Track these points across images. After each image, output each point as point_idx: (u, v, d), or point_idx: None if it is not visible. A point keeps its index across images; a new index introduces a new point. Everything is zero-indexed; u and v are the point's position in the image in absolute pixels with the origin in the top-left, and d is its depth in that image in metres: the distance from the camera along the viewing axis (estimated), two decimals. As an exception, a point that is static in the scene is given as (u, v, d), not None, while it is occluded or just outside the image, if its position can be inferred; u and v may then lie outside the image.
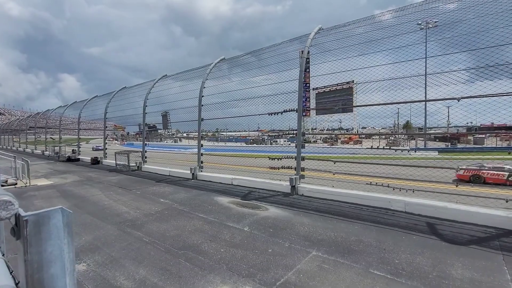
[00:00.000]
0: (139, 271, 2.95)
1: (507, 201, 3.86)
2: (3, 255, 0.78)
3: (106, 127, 14.18)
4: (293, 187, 5.85)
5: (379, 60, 6.12)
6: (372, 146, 5.58)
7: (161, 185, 7.72)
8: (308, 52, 6.53)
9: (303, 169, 6.01)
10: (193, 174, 8.34)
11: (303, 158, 5.95)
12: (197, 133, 8.99)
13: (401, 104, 5.75)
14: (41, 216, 0.54)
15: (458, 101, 4.19)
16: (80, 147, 16.37)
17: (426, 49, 5.85)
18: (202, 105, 8.55)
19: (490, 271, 2.79)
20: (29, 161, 8.49)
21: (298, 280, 2.70)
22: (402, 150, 10.27)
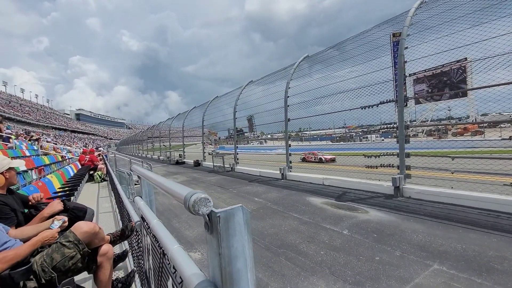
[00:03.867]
0: (245, 265, 3.15)
1: None
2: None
3: (204, 133, 16.16)
4: (396, 188, 5.14)
5: (503, 28, 4.71)
6: (511, 137, 4.35)
7: (254, 185, 8.17)
8: (408, 35, 5.66)
9: (408, 167, 5.20)
10: (282, 174, 8.49)
11: (408, 155, 5.15)
12: (281, 134, 9.11)
13: None
14: (229, 213, 0.59)
15: None
16: (185, 152, 19.22)
17: None
18: (288, 106, 8.61)
19: None
20: (151, 164, 10.52)
21: (420, 297, 2.31)
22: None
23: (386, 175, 5.53)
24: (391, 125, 6.55)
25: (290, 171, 8.46)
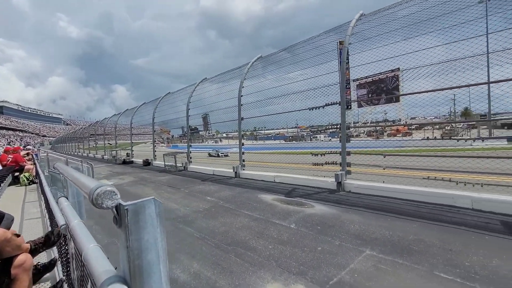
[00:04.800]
0: (193, 264, 3.10)
1: None
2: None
3: (155, 131, 15.29)
4: (339, 184, 5.61)
5: (427, 42, 5.54)
6: (428, 137, 5.08)
7: (207, 184, 8.05)
8: (350, 43, 6.20)
9: (349, 165, 5.72)
10: (235, 172, 8.53)
11: (348, 153, 5.66)
12: (236, 133, 9.18)
13: (458, 90, 5.13)
14: (139, 205, 0.57)
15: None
16: (133, 151, 17.94)
17: (487, 24, 5.11)
18: (242, 105, 8.69)
19: None
20: (92, 164, 9.56)
21: (353, 280, 2.57)
22: (466, 140, 9.19)
23: (331, 171, 5.99)
24: (336, 126, 7.11)
25: (243, 169, 8.56)
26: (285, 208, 5.01)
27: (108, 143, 25.22)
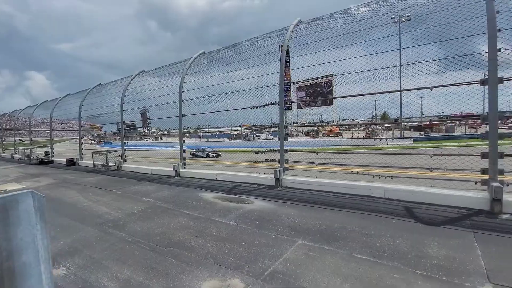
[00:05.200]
0: (123, 271, 2.87)
1: (476, 183, 4.13)
2: None
3: (82, 126, 13.53)
4: (277, 180, 5.91)
5: (356, 52, 6.27)
6: (352, 136, 5.72)
7: (143, 184, 7.52)
8: (288, 46, 6.57)
9: (286, 162, 6.07)
10: (176, 171, 8.18)
11: (286, 151, 6.01)
12: (178, 130, 8.80)
13: (378, 96, 5.94)
14: (8, 200, 0.49)
15: (431, 90, 4.39)
16: (53, 149, 15.52)
17: (400, 41, 6.04)
18: (183, 101, 8.37)
19: (462, 248, 2.98)
20: (-4, 165, 7.94)
21: (286, 269, 2.74)
22: (381, 139, 10.66)
23: (270, 168, 6.27)
24: (277, 125, 7.43)
25: (184, 168, 8.28)
26: (226, 206, 5.04)
27: (20, 140, 21.28)
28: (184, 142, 8.47)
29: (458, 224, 3.61)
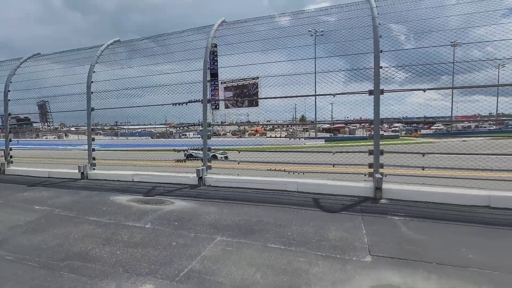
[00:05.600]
0: (-1, 297, 2.33)
1: (365, 175, 5.03)
2: None
3: None
4: (200, 179, 5.83)
5: (279, 57, 6.74)
6: (276, 136, 6.13)
7: (37, 190, 6.25)
8: (216, 45, 6.57)
9: (210, 160, 6.06)
10: (82, 173, 7.09)
11: (209, 149, 5.99)
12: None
13: (298, 100, 6.54)
14: None
15: (334, 96, 5.13)
16: None
17: (315, 52, 6.80)
18: (92, 93, 7.32)
19: (353, 229, 3.59)
20: None
21: (202, 267, 2.74)
22: (300, 139, 11.78)
23: (193, 167, 6.13)
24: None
25: (94, 169, 7.26)
26: (142, 208, 4.68)
27: None
28: (93, 140, 7.42)
29: (351, 210, 4.32)
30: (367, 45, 5.35)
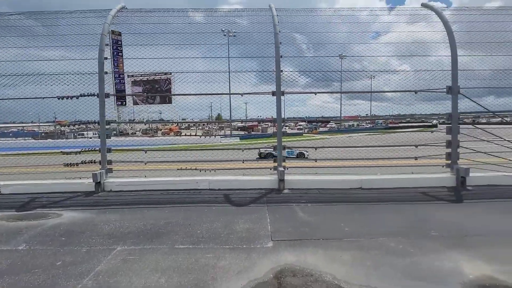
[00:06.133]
0: None
1: (271, 169, 5.50)
2: None
3: None
4: (98, 184, 5.08)
5: (194, 53, 6.54)
6: (191, 134, 5.94)
7: None
8: (120, 33, 5.81)
9: (110, 162, 5.36)
10: None
11: (109, 150, 5.29)
12: None
13: (214, 98, 6.50)
14: None
15: (242, 96, 5.39)
16: None
17: (228, 51, 6.91)
18: None
19: (259, 219, 3.87)
20: None
21: (96, 283, 2.42)
22: (215, 136, 11.79)
23: (89, 171, 5.29)
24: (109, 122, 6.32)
25: None
26: (13, 227, 3.75)
27: None
28: None
29: (258, 202, 4.65)
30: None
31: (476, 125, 5.56)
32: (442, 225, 3.54)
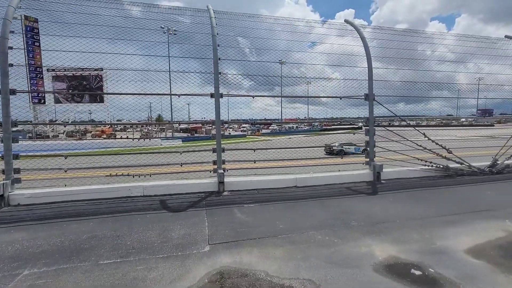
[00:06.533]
0: None
1: (210, 172, 5.44)
2: None
3: None
4: (1, 197, 4.24)
5: (130, 49, 6.01)
6: (127, 137, 5.42)
7: None
8: (36, 20, 4.94)
9: (18, 171, 4.52)
10: None
11: (16, 156, 4.46)
12: None
13: (154, 98, 6.06)
14: None
15: (179, 97, 5.20)
16: None
17: (168, 49, 6.56)
18: None
19: (197, 224, 3.78)
20: None
21: (-10, 318, 2.02)
22: (158, 138, 11.07)
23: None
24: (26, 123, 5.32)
25: None
26: None
27: None
28: None
29: (197, 205, 4.55)
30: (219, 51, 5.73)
31: (387, 128, 6.51)
32: (360, 215, 4.04)
